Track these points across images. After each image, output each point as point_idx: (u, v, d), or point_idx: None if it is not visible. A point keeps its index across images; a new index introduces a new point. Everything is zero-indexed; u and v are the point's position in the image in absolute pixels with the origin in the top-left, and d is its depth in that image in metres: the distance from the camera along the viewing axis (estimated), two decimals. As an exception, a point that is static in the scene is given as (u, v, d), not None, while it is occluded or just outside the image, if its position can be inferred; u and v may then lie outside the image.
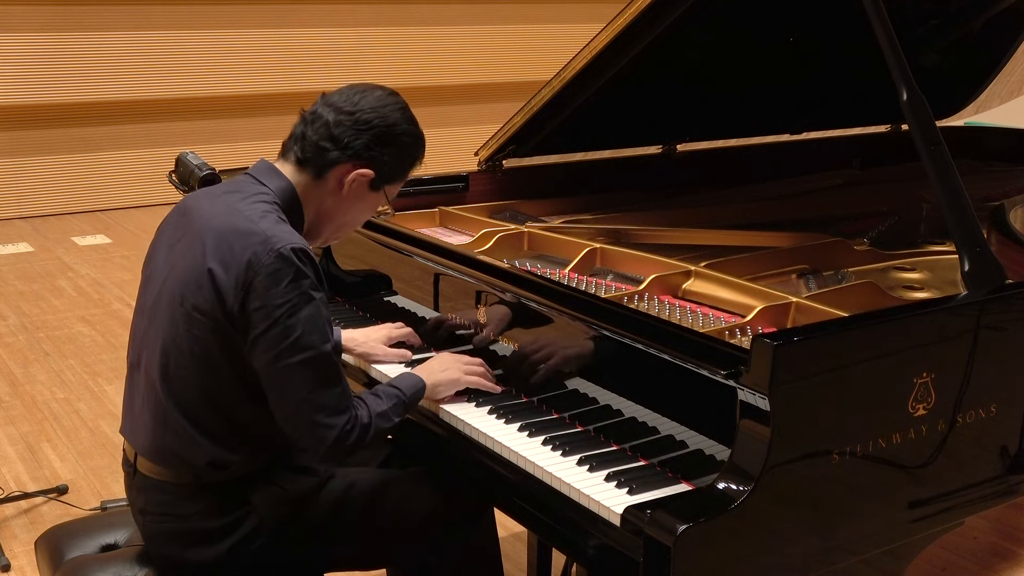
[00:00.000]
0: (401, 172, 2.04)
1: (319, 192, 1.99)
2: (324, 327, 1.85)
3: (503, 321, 2.16)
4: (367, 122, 1.95)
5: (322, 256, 2.75)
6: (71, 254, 6.83)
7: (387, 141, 1.97)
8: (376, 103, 1.97)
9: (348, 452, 1.91)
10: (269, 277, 1.80)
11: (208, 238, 1.87)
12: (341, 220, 2.06)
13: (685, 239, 2.65)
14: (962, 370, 1.84)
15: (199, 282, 1.85)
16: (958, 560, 3.08)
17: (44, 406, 4.34)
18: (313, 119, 1.98)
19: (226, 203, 1.93)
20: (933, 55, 3.35)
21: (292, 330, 1.81)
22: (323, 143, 1.95)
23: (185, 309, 1.86)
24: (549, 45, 8.97)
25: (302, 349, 1.82)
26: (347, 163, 1.96)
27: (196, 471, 1.93)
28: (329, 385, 1.86)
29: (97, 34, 7.81)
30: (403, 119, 1.99)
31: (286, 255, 1.81)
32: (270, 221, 1.87)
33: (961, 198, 1.97)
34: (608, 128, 3.01)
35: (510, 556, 2.95)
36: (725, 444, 1.69)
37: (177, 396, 1.90)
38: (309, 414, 1.85)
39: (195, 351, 1.87)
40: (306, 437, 1.87)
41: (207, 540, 1.95)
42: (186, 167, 2.46)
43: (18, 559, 3.15)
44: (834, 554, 1.75)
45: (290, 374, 1.83)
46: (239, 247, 1.83)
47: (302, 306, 1.82)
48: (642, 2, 2.44)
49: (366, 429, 1.90)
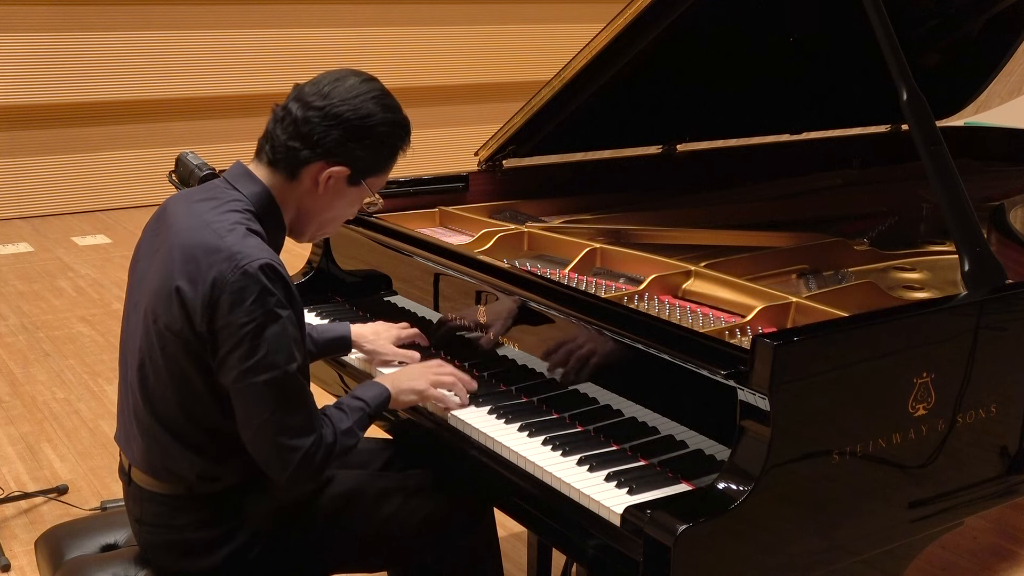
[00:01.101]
0: (381, 164, 1.95)
1: (295, 192, 1.92)
2: (291, 346, 1.79)
3: (504, 322, 2.16)
4: (337, 116, 1.85)
5: (322, 256, 2.75)
6: (71, 254, 6.83)
7: (361, 135, 1.87)
8: (347, 94, 1.87)
9: (314, 474, 1.87)
10: (234, 295, 1.75)
11: (176, 254, 1.82)
12: (323, 217, 1.99)
13: (685, 239, 2.65)
14: (962, 370, 1.84)
15: (168, 300, 1.81)
16: (958, 560, 3.08)
17: (44, 406, 4.34)
18: (283, 115, 1.89)
19: (198, 214, 1.87)
20: (933, 55, 3.36)
21: (257, 349, 1.76)
22: (292, 143, 1.87)
23: (158, 327, 1.83)
24: (549, 45, 8.97)
25: (266, 368, 1.76)
26: (319, 162, 1.88)
27: (187, 483, 1.91)
28: (294, 406, 1.81)
29: (97, 34, 7.81)
30: (378, 108, 1.89)
31: (251, 273, 1.75)
32: (237, 235, 1.80)
33: (961, 198, 1.97)
34: (608, 128, 3.01)
35: (510, 556, 2.95)
36: (725, 444, 1.69)
37: (158, 413, 1.88)
38: (273, 435, 1.80)
39: (170, 368, 1.84)
40: (270, 459, 1.82)
41: (202, 550, 1.93)
42: (186, 167, 2.45)
43: (18, 559, 3.15)
44: (834, 554, 1.75)
45: (255, 394, 1.78)
46: (205, 264, 1.78)
47: (267, 324, 1.76)
48: (642, 2, 2.44)
49: (331, 449, 1.86)
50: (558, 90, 2.69)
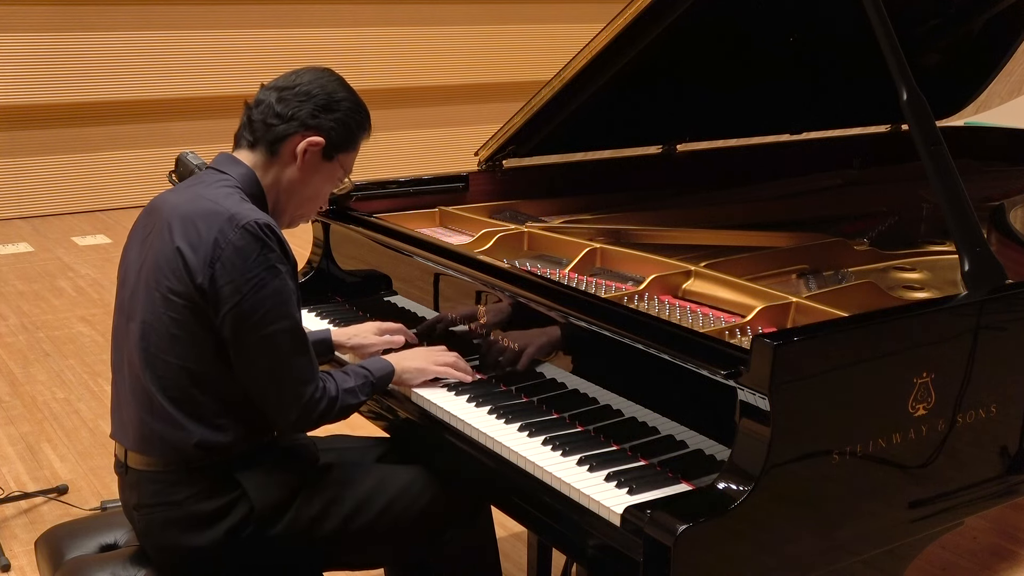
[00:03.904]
0: (349, 139, 2.08)
1: (277, 169, 2.05)
2: (291, 299, 1.92)
3: (503, 321, 2.16)
4: (307, 92, 2.02)
5: (322, 256, 2.75)
6: (71, 254, 6.83)
7: (331, 108, 2.03)
8: (313, 77, 2.05)
9: (315, 421, 1.97)
10: (236, 253, 1.86)
11: (175, 222, 1.93)
12: (303, 194, 2.09)
13: (685, 239, 2.65)
14: (962, 370, 1.84)
15: (170, 263, 1.90)
16: (958, 560, 3.08)
17: (44, 406, 4.34)
18: (257, 104, 2.05)
19: (191, 191, 2.01)
20: (933, 55, 3.36)
21: (261, 303, 1.87)
22: (270, 120, 2.02)
23: (161, 292, 1.91)
24: (549, 45, 8.96)
25: (272, 321, 1.88)
26: (296, 134, 2.02)
27: (185, 455, 1.94)
28: (297, 355, 1.92)
29: (97, 34, 7.81)
30: (341, 88, 2.06)
31: (251, 230, 1.87)
32: (234, 200, 1.94)
33: (961, 198, 1.97)
34: (608, 128, 3.01)
35: (510, 556, 2.95)
36: (725, 444, 1.69)
37: (160, 380, 1.92)
38: (278, 383, 1.91)
39: (173, 332, 1.91)
40: (275, 405, 1.93)
41: (203, 524, 1.95)
42: (186, 167, 2.46)
43: (18, 559, 3.15)
44: (834, 554, 1.75)
45: (260, 345, 1.89)
46: (205, 227, 1.89)
47: (269, 280, 1.88)
48: (642, 2, 2.44)
49: (333, 401, 1.97)
50: (558, 90, 2.69)
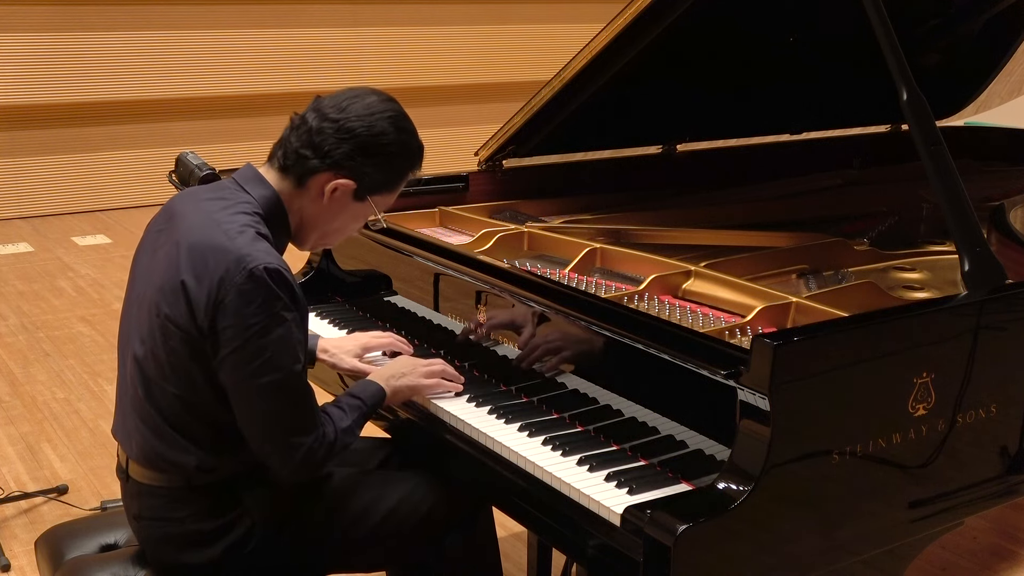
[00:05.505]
0: (389, 183, 1.98)
1: (301, 200, 1.95)
2: (295, 348, 1.83)
3: (503, 322, 2.16)
4: (350, 131, 1.89)
5: (322, 256, 2.75)
6: (71, 254, 6.83)
7: (371, 152, 1.91)
8: (364, 111, 1.90)
9: (315, 469, 1.91)
10: (240, 297, 1.78)
11: (184, 250, 1.85)
12: (325, 228, 2.01)
13: (685, 239, 2.65)
14: (962, 370, 1.84)
15: (174, 293, 1.83)
16: (958, 560, 3.08)
17: (44, 406, 4.34)
18: (299, 124, 1.94)
19: (207, 212, 1.90)
20: (933, 55, 3.35)
21: (263, 351, 1.79)
22: (303, 151, 1.90)
23: (160, 320, 1.85)
24: (549, 45, 8.96)
25: (272, 370, 1.80)
26: (327, 172, 1.91)
27: (186, 474, 1.92)
28: (297, 405, 1.85)
29: (97, 34, 7.81)
30: (392, 128, 1.92)
31: (258, 275, 1.78)
32: (247, 238, 1.83)
33: (961, 198, 1.97)
34: (608, 128, 3.01)
35: (510, 556, 2.95)
36: (725, 444, 1.69)
37: (158, 404, 1.89)
38: (276, 433, 1.85)
39: (171, 362, 1.86)
40: (273, 455, 1.87)
41: (201, 542, 1.94)
42: (186, 167, 2.45)
43: (18, 559, 3.15)
44: (834, 554, 1.75)
45: (258, 394, 1.82)
46: (212, 262, 1.80)
47: (273, 327, 1.79)
48: (642, 2, 2.44)
49: (332, 446, 1.91)
50: (558, 90, 2.69)
